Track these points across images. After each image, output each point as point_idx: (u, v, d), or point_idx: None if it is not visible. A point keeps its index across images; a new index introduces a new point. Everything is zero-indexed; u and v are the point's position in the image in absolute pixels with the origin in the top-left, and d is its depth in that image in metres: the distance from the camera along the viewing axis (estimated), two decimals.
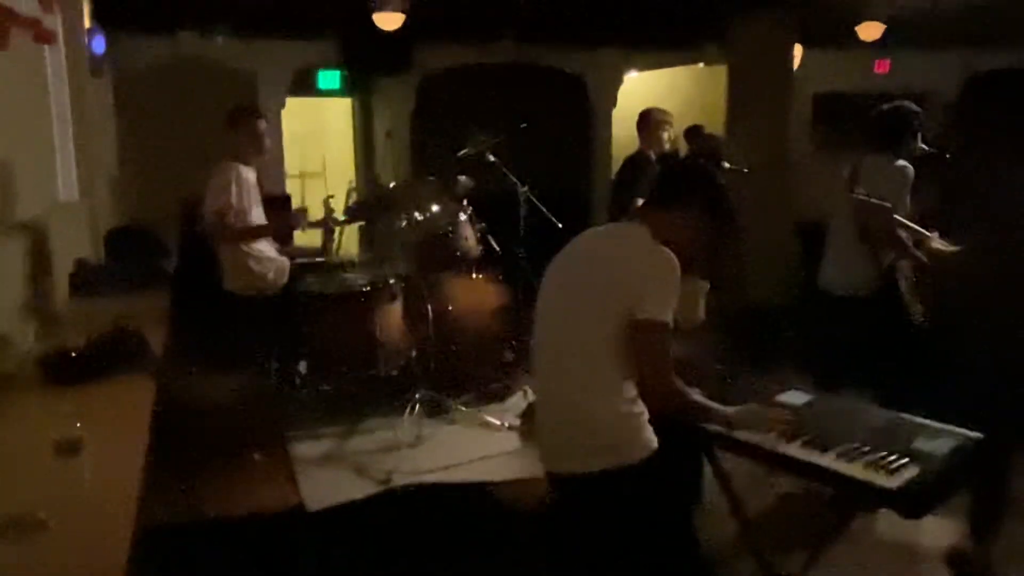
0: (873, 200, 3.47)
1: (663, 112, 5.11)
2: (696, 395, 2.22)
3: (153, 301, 3.96)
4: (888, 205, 3.40)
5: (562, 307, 2.26)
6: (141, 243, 5.16)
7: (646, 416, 2.19)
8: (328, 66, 8.50)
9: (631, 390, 2.16)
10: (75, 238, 4.64)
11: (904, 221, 3.34)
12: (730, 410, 2.28)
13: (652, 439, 2.17)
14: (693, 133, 6.94)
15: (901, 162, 3.67)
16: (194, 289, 4.48)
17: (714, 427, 2.36)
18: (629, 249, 2.20)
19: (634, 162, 5.05)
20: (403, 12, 6.99)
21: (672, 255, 2.15)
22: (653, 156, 4.96)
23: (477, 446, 4.06)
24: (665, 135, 5.02)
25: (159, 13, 6.95)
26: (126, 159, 7.14)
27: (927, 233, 3.20)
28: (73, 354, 2.68)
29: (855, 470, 2.10)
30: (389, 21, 7.10)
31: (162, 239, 5.37)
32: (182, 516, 3.25)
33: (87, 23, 5.41)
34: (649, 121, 5.06)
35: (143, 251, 4.98)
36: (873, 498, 2.12)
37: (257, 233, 4.27)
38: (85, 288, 4.11)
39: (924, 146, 3.79)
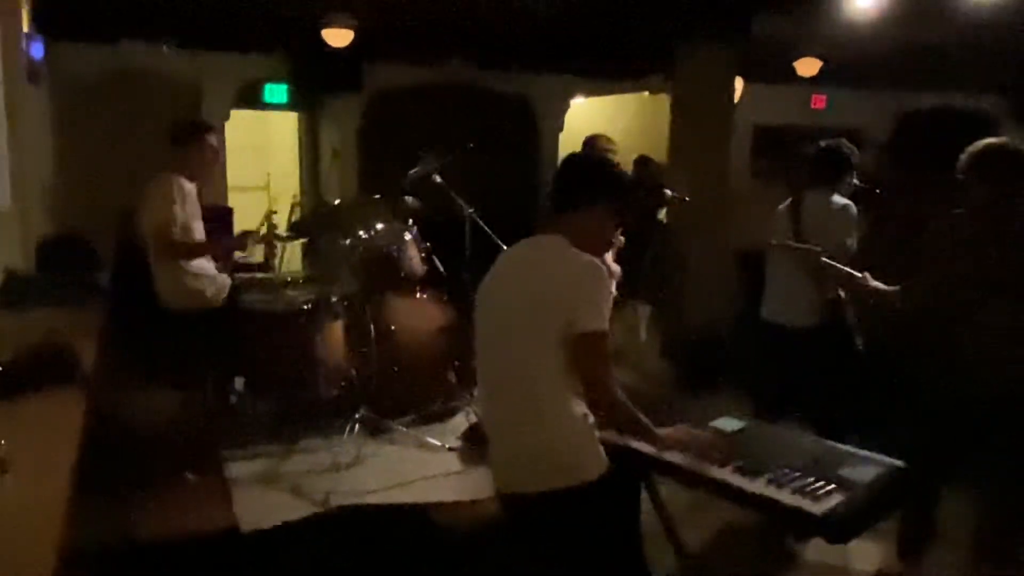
0: (799, 245, 3.54)
1: (607, 140, 5.20)
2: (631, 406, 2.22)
3: (85, 315, 3.86)
4: (817, 249, 3.46)
5: (497, 331, 2.25)
6: (74, 254, 5.03)
7: (596, 433, 2.20)
8: (275, 79, 8.42)
9: (579, 407, 2.16)
10: (5, 247, 4.50)
11: (833, 264, 3.39)
12: (662, 432, 2.30)
13: (603, 457, 2.18)
14: (641, 163, 7.09)
15: (844, 201, 3.74)
16: (129, 303, 4.38)
17: (648, 450, 2.41)
18: (551, 263, 2.19)
19: None
20: (352, 29, 7.00)
21: (594, 260, 2.17)
22: None
23: (417, 467, 4.04)
24: None
25: (101, 21, 6.81)
26: (62, 168, 6.95)
27: (858, 275, 3.26)
28: (0, 368, 2.60)
29: (783, 496, 2.17)
30: (338, 38, 7.10)
31: (96, 251, 5.24)
32: (112, 537, 3.16)
33: (25, 29, 5.28)
34: (594, 148, 5.14)
35: (76, 262, 4.85)
36: (800, 524, 2.19)
37: (201, 251, 4.19)
38: (14, 300, 3.98)
39: (857, 181, 3.93)
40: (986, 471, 2.85)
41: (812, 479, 2.23)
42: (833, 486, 2.19)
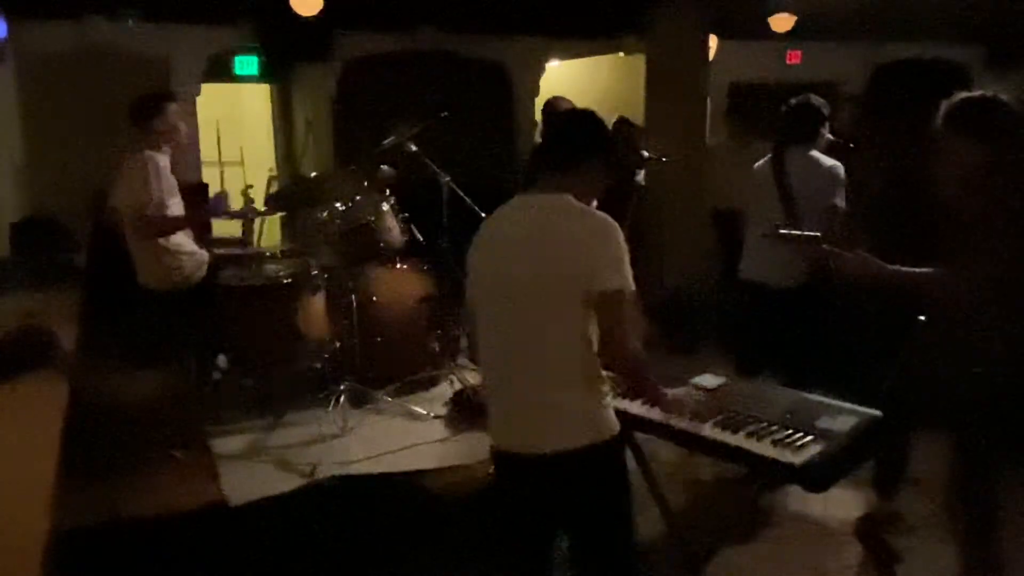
0: (801, 233, 3.47)
1: (568, 101, 5.19)
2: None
3: (63, 297, 3.84)
4: (817, 235, 3.40)
5: (507, 294, 2.15)
6: (48, 236, 4.98)
7: (609, 398, 2.18)
8: (244, 51, 8.29)
9: (595, 370, 2.13)
10: None
11: (832, 249, 3.30)
12: (669, 394, 2.32)
13: (614, 421, 2.17)
14: (621, 124, 7.10)
15: (832, 161, 3.72)
16: (106, 283, 4.35)
17: (634, 410, 2.45)
18: (567, 222, 2.12)
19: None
20: None
21: (608, 217, 2.14)
22: None
23: (403, 436, 4.07)
24: None
25: None
26: (31, 149, 6.85)
27: (867, 256, 3.15)
28: None
29: (763, 448, 2.22)
30: (306, 6, 6.99)
31: (71, 231, 5.18)
32: (100, 517, 3.17)
33: None
34: (555, 111, 5.14)
35: (51, 244, 4.81)
36: (780, 474, 2.24)
37: (177, 225, 4.15)
38: None
39: (830, 136, 3.92)
40: (960, 420, 2.88)
41: (790, 431, 2.28)
42: (811, 437, 2.24)
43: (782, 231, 3.37)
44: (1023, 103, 2.77)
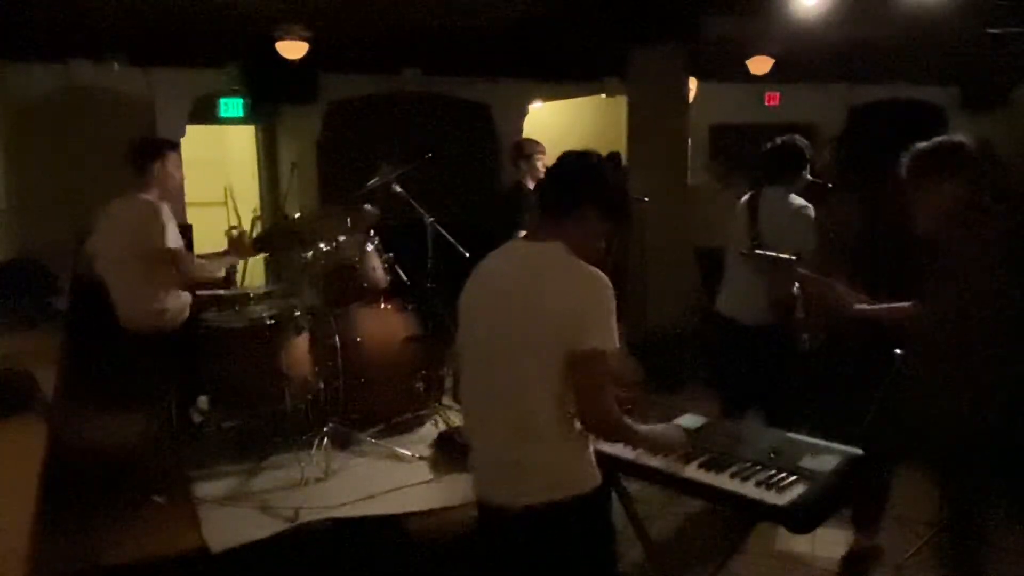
0: (777, 255, 3.51)
1: (536, 143, 5.28)
2: (628, 420, 2.15)
3: (43, 339, 3.81)
4: (793, 258, 3.43)
5: (492, 343, 2.11)
6: (30, 278, 4.95)
7: (591, 450, 2.13)
8: (230, 94, 8.36)
9: (571, 424, 2.08)
10: None
11: (807, 273, 3.31)
12: (649, 432, 2.27)
13: (596, 473, 2.13)
14: (612, 158, 7.19)
15: (802, 202, 3.78)
16: (88, 325, 4.31)
17: (618, 452, 2.44)
18: (557, 274, 2.05)
19: (512, 193, 5.19)
20: (306, 41, 6.98)
21: (602, 274, 2.06)
22: (531, 186, 5.10)
23: (388, 478, 4.02)
24: (540, 164, 5.15)
25: (50, 41, 6.71)
26: (14, 191, 6.84)
27: (839, 286, 3.19)
28: None
29: (747, 489, 2.22)
30: (292, 50, 7.07)
31: (52, 274, 5.16)
32: (79, 564, 3.11)
33: None
34: (522, 152, 5.21)
35: (32, 287, 4.78)
36: (764, 515, 2.24)
37: (212, 268, 4.18)
38: None
39: (809, 176, 3.99)
40: (944, 454, 2.89)
41: (774, 471, 2.28)
42: (795, 477, 2.24)
43: (757, 251, 3.42)
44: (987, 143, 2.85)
